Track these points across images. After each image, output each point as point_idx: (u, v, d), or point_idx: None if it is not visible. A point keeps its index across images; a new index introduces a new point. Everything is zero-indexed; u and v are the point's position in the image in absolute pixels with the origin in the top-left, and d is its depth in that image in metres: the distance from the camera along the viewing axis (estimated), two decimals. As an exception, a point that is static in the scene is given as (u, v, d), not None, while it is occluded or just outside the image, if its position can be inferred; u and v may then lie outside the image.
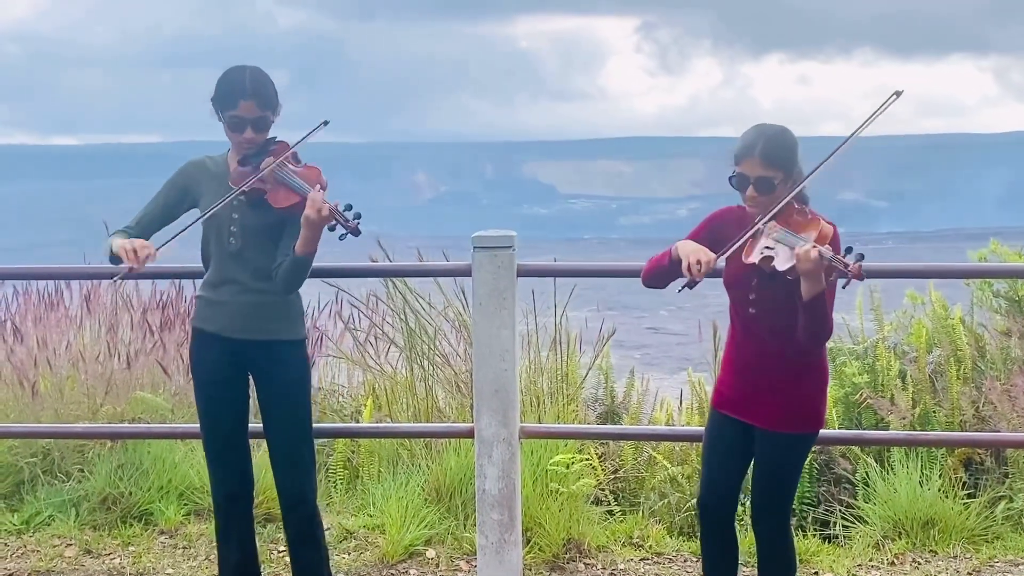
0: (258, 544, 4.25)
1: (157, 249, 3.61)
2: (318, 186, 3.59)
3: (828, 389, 3.57)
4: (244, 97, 3.61)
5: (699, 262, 3.33)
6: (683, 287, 3.44)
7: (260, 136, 3.68)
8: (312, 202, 3.48)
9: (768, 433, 3.48)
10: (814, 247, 3.15)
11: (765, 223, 3.34)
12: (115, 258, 3.65)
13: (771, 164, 3.35)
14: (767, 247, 3.28)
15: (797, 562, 3.68)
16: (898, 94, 3.40)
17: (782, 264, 3.24)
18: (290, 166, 3.67)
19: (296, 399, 3.78)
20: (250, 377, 3.83)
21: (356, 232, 3.52)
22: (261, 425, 3.87)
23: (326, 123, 3.77)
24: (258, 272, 3.68)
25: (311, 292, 6.40)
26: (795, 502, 5.12)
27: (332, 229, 3.54)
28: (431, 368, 5.71)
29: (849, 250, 3.13)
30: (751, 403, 3.50)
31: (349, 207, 3.53)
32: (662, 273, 3.54)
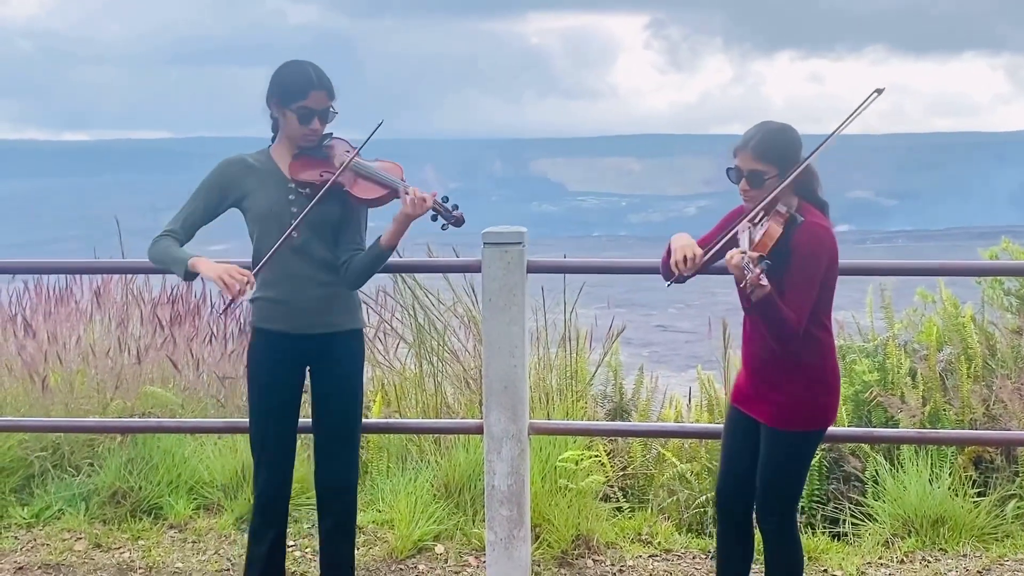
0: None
1: (254, 273, 3.53)
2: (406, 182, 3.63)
3: (837, 388, 3.53)
4: (314, 87, 3.62)
5: (685, 259, 3.38)
6: (671, 282, 3.49)
7: (322, 128, 3.69)
8: (413, 197, 3.54)
9: (769, 430, 3.48)
10: (741, 252, 3.18)
11: (743, 223, 3.38)
12: (189, 275, 3.59)
13: (763, 158, 3.36)
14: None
15: (803, 561, 3.66)
16: (879, 91, 3.39)
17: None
18: (364, 160, 3.68)
19: (353, 390, 3.81)
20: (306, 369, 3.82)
21: (460, 221, 3.58)
22: (305, 421, 3.88)
23: (380, 123, 3.74)
24: (323, 265, 3.68)
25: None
26: (804, 499, 5.11)
27: (434, 219, 3.61)
28: (440, 364, 5.71)
29: (762, 258, 3.15)
30: (757, 399, 3.51)
31: (446, 199, 3.60)
32: (665, 267, 3.55)
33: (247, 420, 3.90)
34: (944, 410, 5.38)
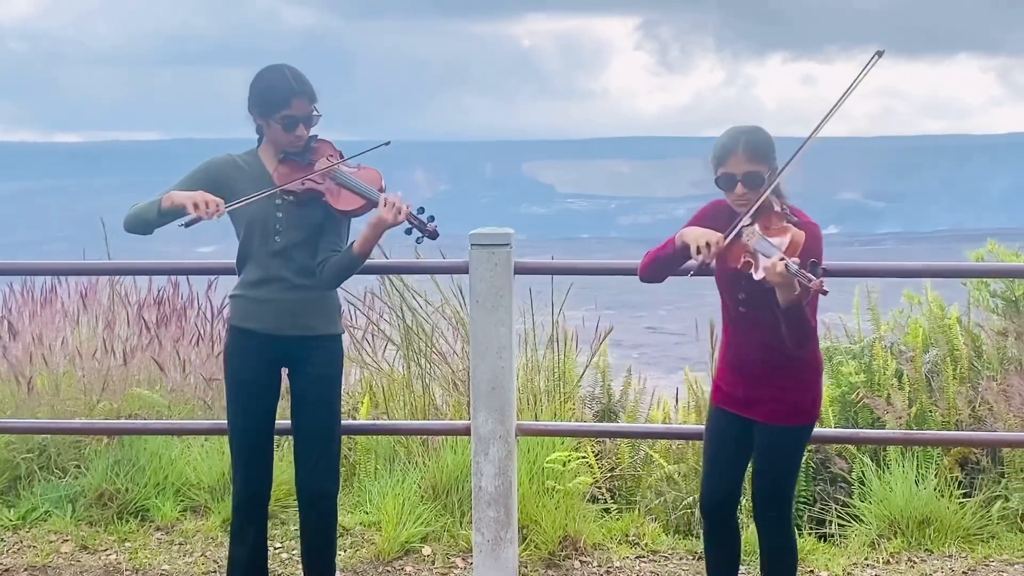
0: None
1: (228, 208, 3.58)
2: (385, 190, 3.62)
3: (823, 380, 3.60)
4: (295, 95, 3.61)
5: (708, 244, 3.33)
6: (694, 272, 3.47)
7: (307, 133, 3.69)
8: (390, 206, 3.52)
9: (767, 427, 3.50)
10: (781, 260, 3.13)
11: (746, 222, 3.33)
12: (165, 213, 3.60)
13: (756, 158, 3.36)
14: (747, 253, 3.29)
15: (798, 559, 3.69)
16: (879, 54, 3.35)
17: (758, 273, 3.24)
18: (345, 167, 3.67)
19: (330, 395, 3.80)
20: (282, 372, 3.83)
21: (434, 235, 3.55)
22: (285, 423, 3.88)
23: (387, 143, 3.79)
24: (302, 270, 3.68)
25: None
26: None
27: (408, 232, 3.58)
28: (428, 366, 5.71)
29: (815, 264, 3.13)
30: (750, 399, 3.52)
31: (422, 210, 3.57)
32: (664, 263, 3.54)
33: None
34: (930, 411, 5.39)
